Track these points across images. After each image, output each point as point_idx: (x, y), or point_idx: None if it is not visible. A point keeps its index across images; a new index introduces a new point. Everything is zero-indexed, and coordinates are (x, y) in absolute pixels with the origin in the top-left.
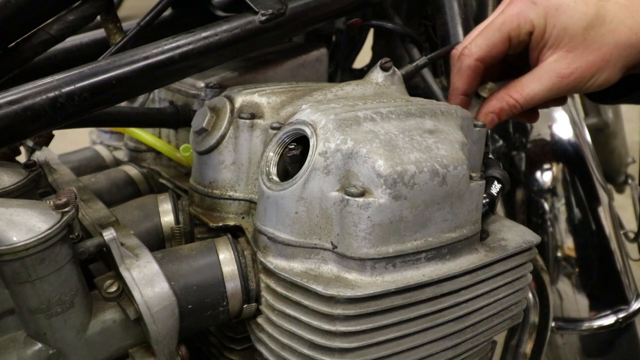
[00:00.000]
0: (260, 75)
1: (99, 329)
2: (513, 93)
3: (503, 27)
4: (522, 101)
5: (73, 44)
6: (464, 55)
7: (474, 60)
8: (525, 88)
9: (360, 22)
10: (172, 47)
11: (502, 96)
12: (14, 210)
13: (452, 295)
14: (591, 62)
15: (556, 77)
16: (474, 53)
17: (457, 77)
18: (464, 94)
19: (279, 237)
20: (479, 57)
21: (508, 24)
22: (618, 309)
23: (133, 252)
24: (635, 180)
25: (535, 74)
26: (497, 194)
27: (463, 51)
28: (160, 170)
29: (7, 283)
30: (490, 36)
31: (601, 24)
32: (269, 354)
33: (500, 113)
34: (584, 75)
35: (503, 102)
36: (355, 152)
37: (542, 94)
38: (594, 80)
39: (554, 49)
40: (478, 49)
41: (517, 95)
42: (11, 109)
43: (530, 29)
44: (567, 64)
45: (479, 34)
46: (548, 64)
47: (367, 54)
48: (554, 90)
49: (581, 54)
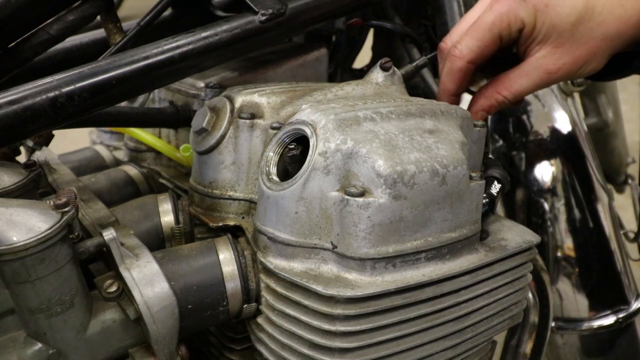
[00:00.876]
0: (260, 75)
1: (99, 329)
2: (501, 90)
3: (494, 28)
4: (511, 97)
5: (73, 44)
6: (455, 57)
7: (465, 62)
8: (513, 84)
9: (360, 22)
10: (172, 47)
11: (491, 93)
12: (14, 210)
13: (452, 295)
14: (578, 56)
15: (544, 73)
16: (465, 55)
17: (447, 78)
18: (454, 94)
19: (279, 237)
20: (470, 59)
21: (498, 23)
22: (618, 309)
23: (133, 252)
24: (635, 180)
25: (523, 70)
26: (497, 194)
27: (454, 52)
28: (160, 170)
29: (7, 283)
30: (482, 37)
31: (590, 17)
32: (269, 354)
33: (489, 109)
34: (571, 69)
35: (492, 100)
36: (355, 152)
37: (529, 89)
38: (580, 72)
39: (542, 44)
40: (469, 50)
41: (506, 92)
42: (11, 109)
43: (520, 27)
44: (555, 59)
45: (469, 35)
46: (536, 60)
47: (367, 54)
48: (542, 85)
49: (569, 49)
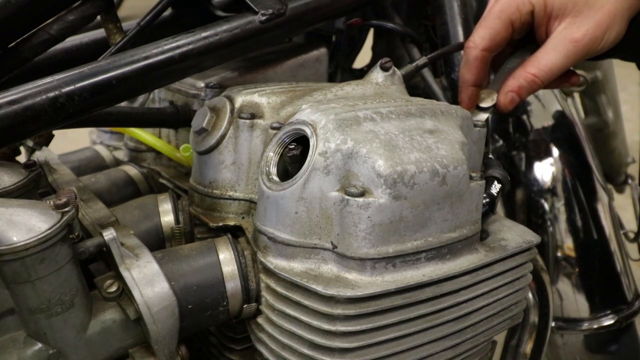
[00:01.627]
0: (260, 75)
1: (99, 329)
2: (530, 68)
3: (502, 14)
4: (541, 74)
5: (73, 44)
6: (468, 48)
7: (479, 51)
8: (541, 61)
9: (360, 22)
10: (172, 47)
11: (520, 73)
12: (14, 210)
13: (452, 295)
14: (599, 20)
15: (570, 42)
16: (479, 44)
17: (465, 69)
18: (474, 84)
19: (279, 237)
20: (484, 47)
21: (506, 9)
22: (618, 309)
23: (133, 252)
24: (635, 180)
25: (549, 45)
26: (497, 194)
27: (468, 44)
28: (160, 170)
29: (7, 283)
30: (492, 24)
31: None
32: (269, 354)
33: (519, 91)
34: (596, 34)
35: (521, 80)
36: (355, 152)
37: (559, 63)
38: (606, 39)
39: (560, 18)
40: (481, 39)
41: (534, 70)
42: (11, 109)
43: (530, 9)
44: (577, 27)
45: (481, 25)
46: (559, 33)
47: (367, 54)
48: (571, 56)
49: (587, 15)
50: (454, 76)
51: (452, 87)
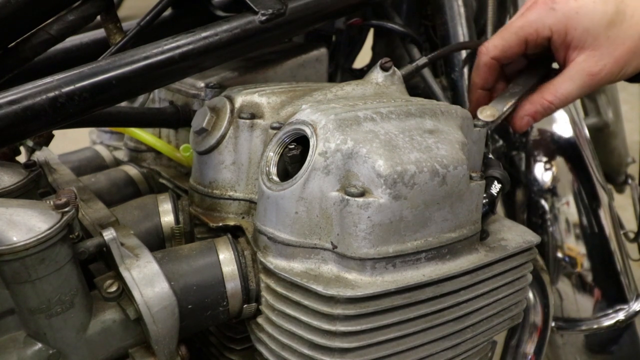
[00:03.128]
0: (260, 75)
1: (99, 329)
2: (547, 95)
3: (520, 32)
4: (557, 102)
5: (73, 44)
6: (481, 53)
7: (489, 58)
8: (558, 89)
9: (360, 22)
10: (172, 47)
11: (537, 99)
12: (14, 210)
13: (452, 295)
14: (618, 56)
15: (587, 75)
16: (490, 51)
17: (475, 73)
18: (481, 88)
19: (279, 237)
20: (494, 55)
21: (526, 28)
22: (618, 309)
23: (133, 252)
24: (635, 180)
25: (567, 75)
26: (497, 194)
27: (481, 49)
28: (160, 170)
29: (7, 283)
30: (508, 38)
31: (622, 21)
32: (269, 354)
33: (535, 115)
34: (613, 70)
35: (537, 105)
36: (355, 152)
37: (575, 93)
38: (623, 72)
39: (580, 49)
40: (494, 47)
41: (551, 97)
42: (11, 109)
43: (547, 35)
44: (596, 61)
45: (498, 35)
46: (577, 64)
47: (367, 54)
48: (586, 87)
49: (607, 51)
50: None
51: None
